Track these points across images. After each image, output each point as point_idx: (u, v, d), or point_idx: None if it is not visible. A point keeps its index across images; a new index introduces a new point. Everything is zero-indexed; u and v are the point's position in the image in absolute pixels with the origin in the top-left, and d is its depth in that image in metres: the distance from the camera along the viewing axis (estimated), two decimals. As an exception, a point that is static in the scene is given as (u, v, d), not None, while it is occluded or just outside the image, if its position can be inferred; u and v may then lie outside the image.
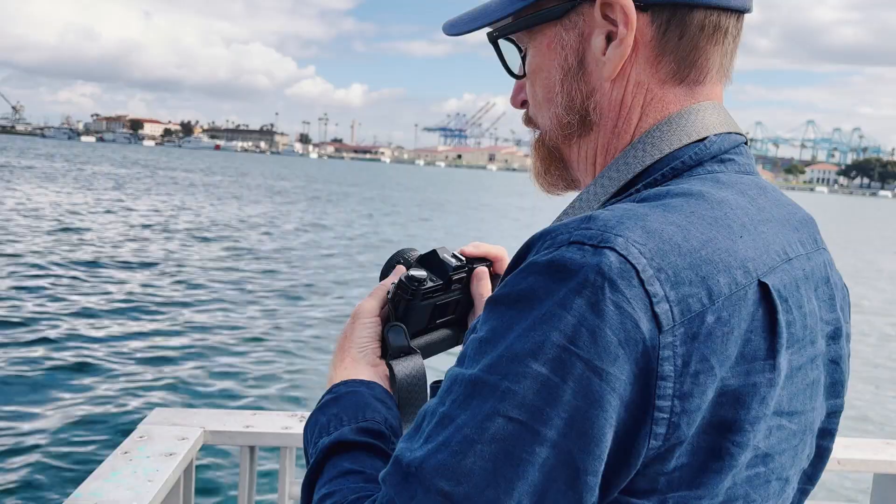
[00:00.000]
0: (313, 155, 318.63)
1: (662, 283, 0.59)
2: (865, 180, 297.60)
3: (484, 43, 0.89)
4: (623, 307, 0.58)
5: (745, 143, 0.80)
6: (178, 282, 12.91)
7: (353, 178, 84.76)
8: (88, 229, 18.80)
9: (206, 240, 18.51)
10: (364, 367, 0.96)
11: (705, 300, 0.61)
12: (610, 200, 0.75)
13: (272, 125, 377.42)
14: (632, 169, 0.75)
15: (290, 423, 1.97)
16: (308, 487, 0.83)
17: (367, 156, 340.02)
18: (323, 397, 0.93)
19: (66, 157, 76.92)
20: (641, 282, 0.59)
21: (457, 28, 0.87)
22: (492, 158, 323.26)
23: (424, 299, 1.00)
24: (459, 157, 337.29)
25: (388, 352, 1.00)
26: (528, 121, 0.88)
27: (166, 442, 1.80)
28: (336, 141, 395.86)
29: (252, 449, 2.00)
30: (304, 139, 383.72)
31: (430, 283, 1.00)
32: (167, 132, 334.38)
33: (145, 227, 20.51)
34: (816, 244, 0.79)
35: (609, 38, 0.76)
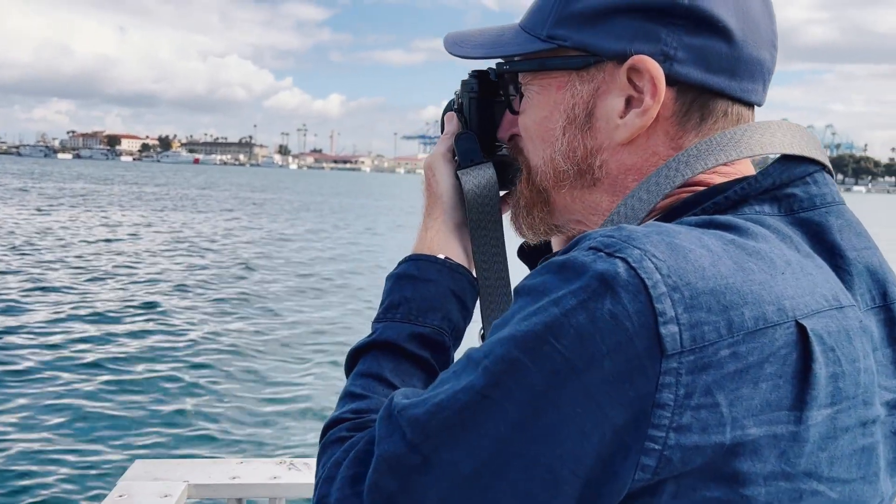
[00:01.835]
0: (293, 166, 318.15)
1: (675, 303, 0.56)
2: (839, 176, 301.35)
3: None
4: (620, 320, 0.56)
5: (824, 170, 0.72)
6: (160, 312, 12.48)
7: (334, 187, 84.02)
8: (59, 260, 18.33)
9: (180, 265, 18.12)
10: (453, 237, 0.94)
11: (723, 331, 0.56)
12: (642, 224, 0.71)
13: (251, 137, 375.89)
14: (662, 189, 0.72)
15: (278, 472, 1.88)
16: (352, 358, 0.87)
17: (348, 165, 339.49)
18: (409, 260, 0.92)
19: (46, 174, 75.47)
20: (649, 298, 0.56)
21: (463, 51, 0.86)
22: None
23: (494, 94, 0.93)
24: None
25: (457, 161, 0.94)
26: (518, 153, 0.87)
27: (148, 500, 1.71)
28: (315, 151, 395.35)
29: (239, 502, 1.90)
30: (284, 150, 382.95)
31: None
32: (145, 147, 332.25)
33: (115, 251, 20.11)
34: (884, 298, 0.70)
35: (628, 102, 0.74)
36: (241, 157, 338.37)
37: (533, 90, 0.81)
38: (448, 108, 1.01)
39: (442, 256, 0.91)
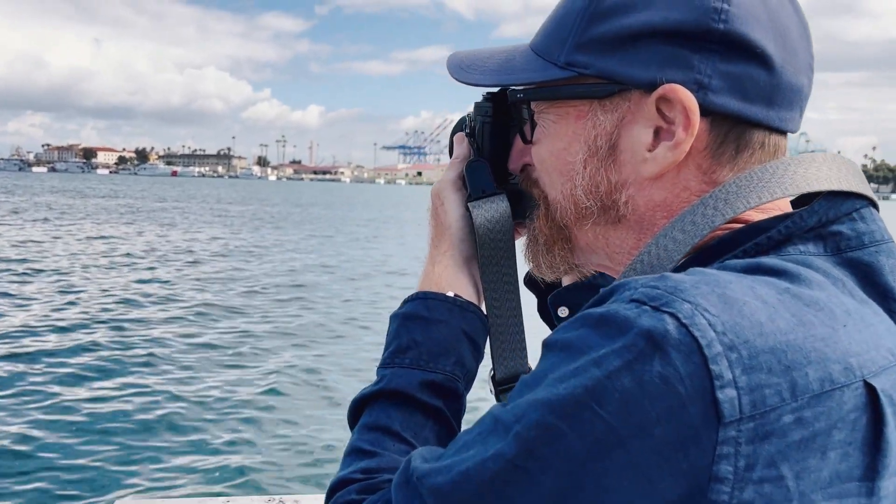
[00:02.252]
0: (272, 177, 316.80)
1: (732, 364, 0.51)
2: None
3: (441, 61, 0.83)
4: (671, 383, 0.50)
5: (870, 205, 0.67)
6: (141, 339, 12.11)
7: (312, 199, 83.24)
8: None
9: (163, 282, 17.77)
10: (462, 272, 0.88)
11: (786, 394, 0.51)
12: (679, 271, 0.63)
13: (229, 149, 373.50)
14: (699, 229, 0.65)
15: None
16: (357, 407, 0.82)
17: (328, 176, 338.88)
18: (417, 298, 0.86)
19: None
20: (704, 359, 0.51)
21: (471, 78, 0.80)
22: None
23: (510, 119, 0.87)
24: (419, 174, 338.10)
25: (468, 192, 0.88)
26: (531, 185, 0.81)
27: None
28: (295, 162, 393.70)
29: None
30: (262, 162, 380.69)
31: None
32: (122, 160, 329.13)
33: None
34: None
35: (657, 133, 0.68)
36: (220, 168, 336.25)
37: (549, 119, 0.76)
38: (458, 128, 0.95)
39: (451, 294, 0.86)
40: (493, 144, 0.88)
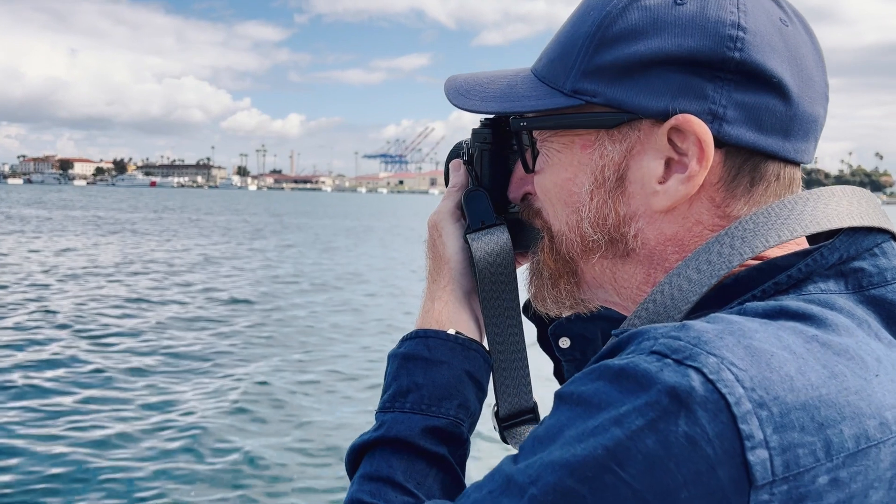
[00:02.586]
0: (252, 187, 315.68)
1: (763, 423, 0.48)
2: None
3: (421, 69, 0.85)
4: (699, 444, 0.48)
5: (892, 239, 0.65)
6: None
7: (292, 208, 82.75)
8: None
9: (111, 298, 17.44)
10: (463, 307, 0.84)
11: (820, 454, 0.49)
12: (695, 311, 0.62)
13: (209, 159, 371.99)
14: (715, 269, 0.62)
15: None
16: (356, 455, 0.78)
17: (308, 185, 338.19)
18: (416, 337, 0.82)
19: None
20: (733, 417, 0.48)
21: (471, 105, 0.76)
22: (434, 183, 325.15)
23: (510, 146, 0.83)
24: (401, 182, 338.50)
25: (467, 223, 0.85)
26: (533, 216, 0.78)
27: None
28: (275, 172, 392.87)
29: None
30: (242, 172, 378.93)
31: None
32: (99, 171, 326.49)
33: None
34: None
35: (668, 164, 0.66)
36: (199, 179, 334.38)
37: (553, 148, 0.72)
38: (454, 154, 0.92)
39: (453, 332, 0.82)
40: (493, 172, 0.85)
